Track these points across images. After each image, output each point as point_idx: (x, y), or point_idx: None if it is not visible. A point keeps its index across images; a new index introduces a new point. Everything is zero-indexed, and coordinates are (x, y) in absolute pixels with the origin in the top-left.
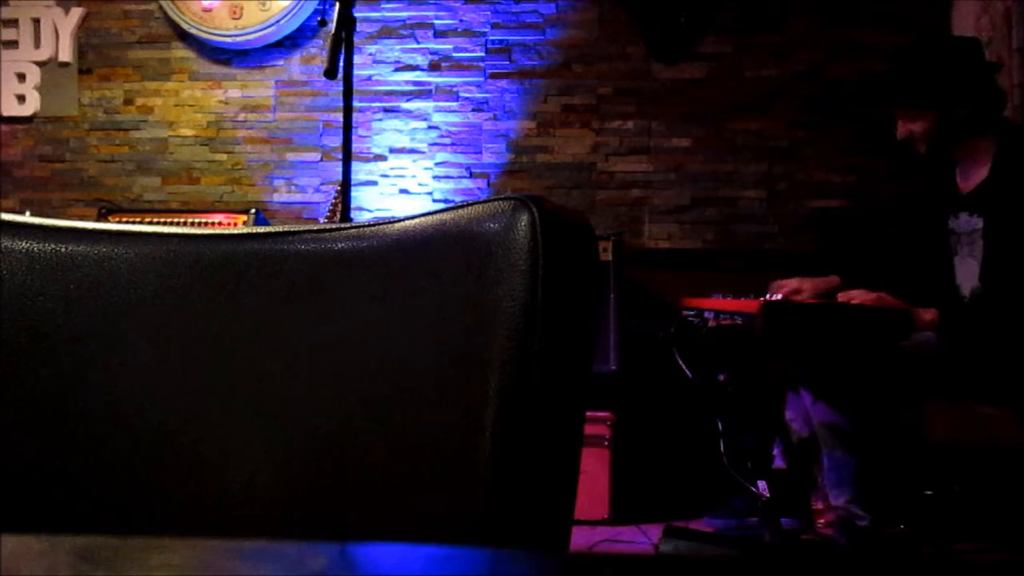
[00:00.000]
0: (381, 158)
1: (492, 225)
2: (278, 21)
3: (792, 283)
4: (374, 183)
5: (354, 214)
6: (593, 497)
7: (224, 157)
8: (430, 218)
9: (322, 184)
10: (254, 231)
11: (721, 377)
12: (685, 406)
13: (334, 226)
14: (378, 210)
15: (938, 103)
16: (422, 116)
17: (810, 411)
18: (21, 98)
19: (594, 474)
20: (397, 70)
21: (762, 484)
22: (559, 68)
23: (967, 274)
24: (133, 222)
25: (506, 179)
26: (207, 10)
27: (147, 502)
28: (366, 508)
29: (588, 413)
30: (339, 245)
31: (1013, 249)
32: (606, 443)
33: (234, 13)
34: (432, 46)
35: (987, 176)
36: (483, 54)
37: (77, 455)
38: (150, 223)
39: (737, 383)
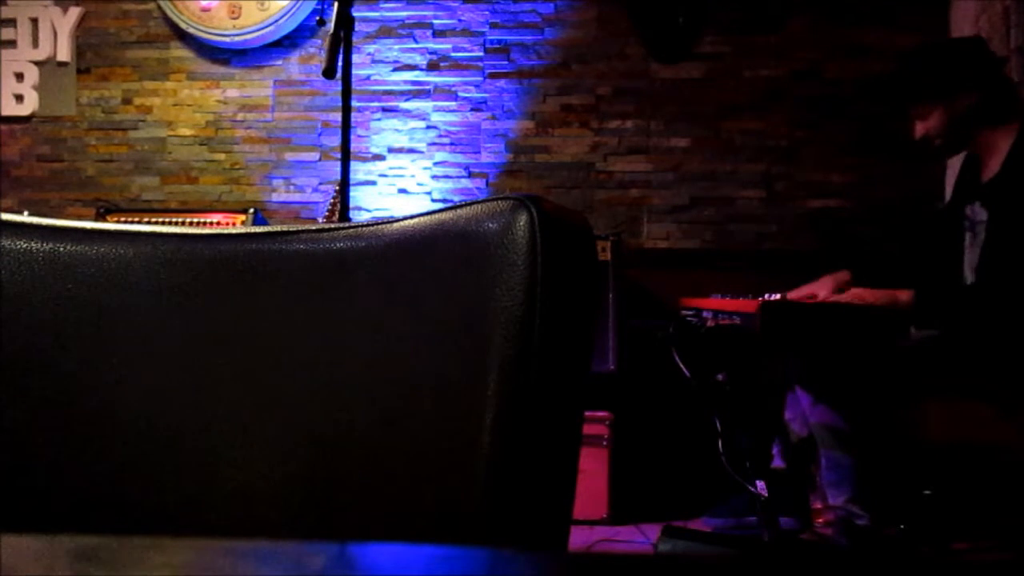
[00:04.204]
0: (380, 158)
1: (491, 225)
2: (276, 21)
3: (805, 289)
4: (373, 183)
5: (352, 214)
6: (592, 497)
7: (222, 157)
8: (429, 218)
9: (321, 184)
10: (252, 231)
11: (720, 377)
12: (684, 406)
13: (332, 226)
14: (377, 210)
15: (941, 94)
16: (421, 116)
17: (807, 411)
18: (19, 98)
19: (593, 474)
20: (396, 70)
21: (761, 484)
22: (558, 68)
23: (971, 264)
24: (131, 222)
25: (505, 179)
26: (205, 10)
27: (147, 502)
28: (365, 508)
29: (587, 413)
30: (337, 245)
31: (1008, 242)
32: (605, 443)
33: (232, 13)
34: (431, 46)
35: (1000, 168)
36: (482, 54)
37: (76, 455)
38: (148, 223)
39: (736, 383)
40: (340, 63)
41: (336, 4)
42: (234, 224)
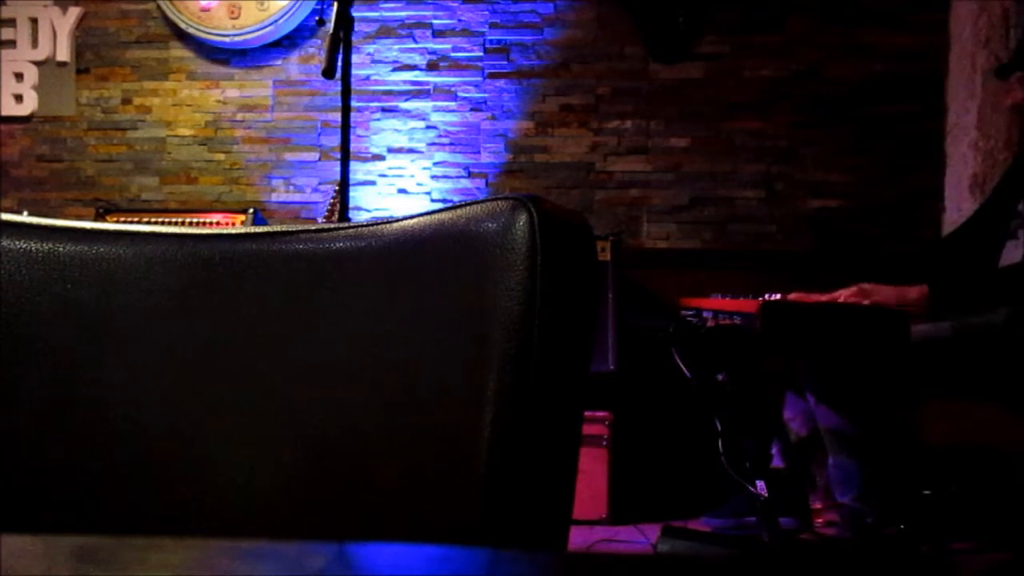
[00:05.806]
0: (379, 158)
1: (490, 225)
2: (276, 21)
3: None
4: (372, 183)
5: (352, 214)
6: (591, 497)
7: (222, 157)
8: (428, 218)
9: (320, 184)
10: (252, 231)
11: (720, 377)
12: (684, 406)
13: (332, 226)
14: (376, 210)
15: None
16: (420, 116)
17: (814, 414)
18: (19, 98)
19: (592, 474)
20: (395, 70)
21: (760, 484)
22: (557, 68)
23: (1012, 258)
24: (131, 222)
25: (504, 179)
26: (205, 10)
27: (146, 502)
28: (365, 508)
29: (586, 413)
30: (337, 245)
31: None
32: (604, 443)
33: (232, 13)
34: (430, 46)
35: None
36: (481, 54)
37: (75, 455)
38: (148, 223)
39: (736, 383)
40: (340, 63)
41: (336, 4)
42: (234, 224)
